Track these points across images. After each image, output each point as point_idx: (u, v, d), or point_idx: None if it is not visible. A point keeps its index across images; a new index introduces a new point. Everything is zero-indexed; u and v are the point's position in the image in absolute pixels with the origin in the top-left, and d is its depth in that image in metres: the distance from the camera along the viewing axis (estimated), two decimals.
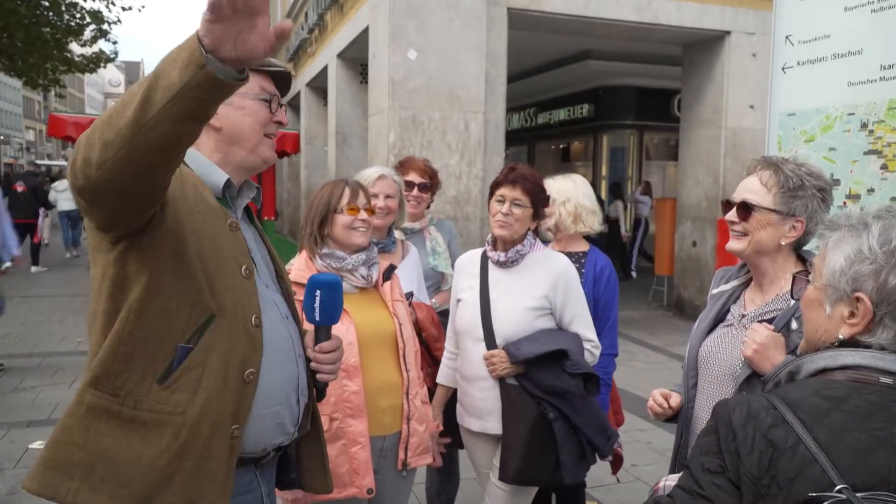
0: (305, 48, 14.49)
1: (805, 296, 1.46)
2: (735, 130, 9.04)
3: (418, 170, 3.63)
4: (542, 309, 2.70)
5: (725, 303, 2.18)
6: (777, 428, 1.22)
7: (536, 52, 11.96)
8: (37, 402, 5.88)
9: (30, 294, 10.57)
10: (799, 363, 1.40)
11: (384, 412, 2.50)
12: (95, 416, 1.50)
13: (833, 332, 1.36)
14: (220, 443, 1.58)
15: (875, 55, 2.64)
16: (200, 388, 1.54)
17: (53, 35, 18.24)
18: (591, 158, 15.13)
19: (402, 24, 7.54)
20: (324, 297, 1.79)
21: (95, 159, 1.30)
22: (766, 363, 1.90)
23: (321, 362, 1.82)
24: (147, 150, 1.28)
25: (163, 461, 1.51)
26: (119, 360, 1.51)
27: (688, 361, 2.18)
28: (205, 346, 1.56)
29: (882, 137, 2.62)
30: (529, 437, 2.61)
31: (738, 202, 2.02)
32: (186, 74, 1.21)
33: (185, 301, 1.55)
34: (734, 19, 8.96)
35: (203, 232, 1.61)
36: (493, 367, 2.66)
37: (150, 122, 1.24)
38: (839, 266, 1.34)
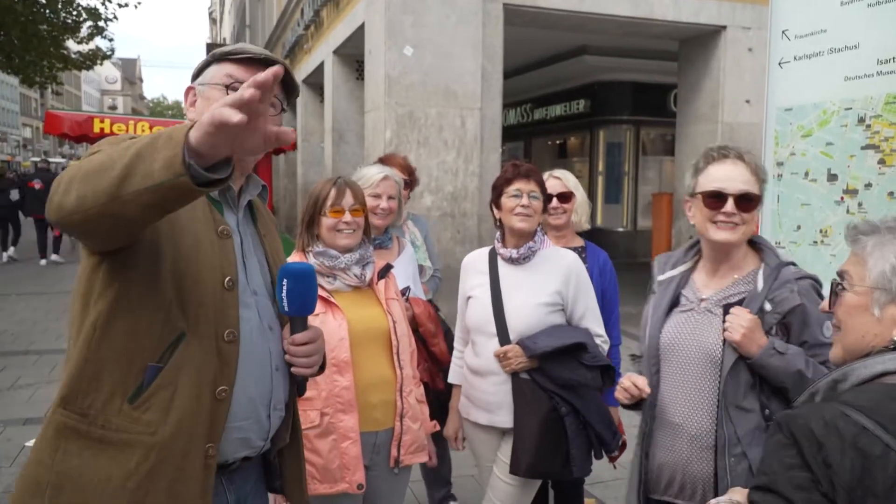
0: (301, 44, 14.45)
1: (845, 303, 1.43)
2: (732, 126, 9.04)
3: (399, 166, 3.74)
4: (555, 305, 2.73)
5: (676, 288, 2.21)
6: (862, 436, 1.20)
7: (533, 47, 11.94)
8: (33, 399, 5.87)
9: (26, 291, 10.55)
10: (846, 371, 1.38)
11: (376, 408, 2.50)
12: (64, 436, 1.48)
13: (885, 335, 1.35)
14: (194, 463, 1.54)
15: (872, 49, 2.64)
16: (173, 407, 1.51)
17: (50, 32, 18.18)
18: (588, 154, 15.11)
19: (398, 21, 7.52)
20: (290, 286, 1.69)
21: (68, 207, 1.31)
22: (752, 346, 1.96)
23: (293, 354, 1.74)
24: (117, 217, 1.29)
25: (132, 483, 1.48)
26: (86, 378, 1.48)
27: (649, 349, 2.20)
28: (175, 364, 1.52)
29: (879, 132, 2.62)
30: (541, 431, 2.63)
31: (737, 194, 2.04)
32: (165, 174, 1.20)
33: (156, 319, 1.51)
34: (731, 14, 8.94)
35: (183, 242, 1.57)
36: (507, 363, 2.68)
37: (125, 197, 1.24)
38: (889, 267, 1.35)
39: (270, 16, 20.27)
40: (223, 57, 1.70)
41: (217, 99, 1.58)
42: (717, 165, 2.09)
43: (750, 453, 1.98)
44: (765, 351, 1.96)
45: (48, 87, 22.16)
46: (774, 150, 3.04)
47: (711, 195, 2.06)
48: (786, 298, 2.01)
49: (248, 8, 27.95)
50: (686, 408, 2.11)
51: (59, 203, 1.33)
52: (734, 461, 1.99)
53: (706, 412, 2.07)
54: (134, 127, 10.42)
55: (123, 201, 1.25)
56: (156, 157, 1.21)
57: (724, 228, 2.05)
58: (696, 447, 2.08)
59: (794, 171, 2.94)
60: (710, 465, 2.06)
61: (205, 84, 1.70)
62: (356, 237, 2.56)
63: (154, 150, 1.22)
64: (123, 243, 1.45)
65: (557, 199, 3.31)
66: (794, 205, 2.94)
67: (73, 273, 6.63)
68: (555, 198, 3.31)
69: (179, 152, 1.19)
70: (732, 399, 2.01)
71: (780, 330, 2.03)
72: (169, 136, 1.23)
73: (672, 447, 2.13)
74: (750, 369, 2.00)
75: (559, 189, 3.34)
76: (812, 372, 1.95)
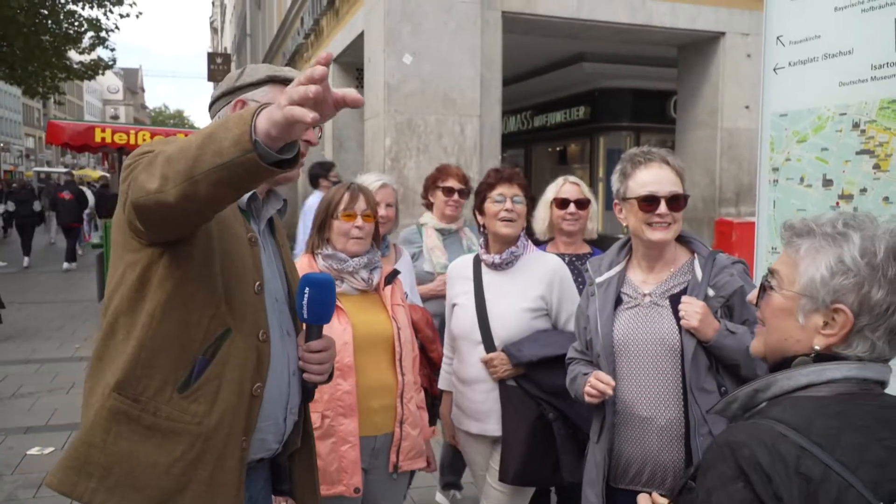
0: (301, 53, 14.50)
1: (771, 303, 1.40)
2: (731, 131, 9.05)
3: (457, 177, 3.91)
4: (539, 310, 2.72)
5: (616, 288, 2.31)
6: (803, 458, 1.17)
7: (531, 55, 11.97)
8: (34, 408, 5.88)
9: (28, 300, 10.56)
10: (769, 381, 1.35)
11: (376, 412, 2.51)
12: (116, 419, 1.53)
13: (806, 343, 1.33)
14: (233, 454, 1.62)
15: (866, 55, 2.65)
16: (218, 399, 1.59)
17: (52, 43, 18.29)
18: (588, 161, 15.12)
19: (396, 29, 7.55)
20: (312, 295, 1.78)
21: (152, 188, 1.37)
22: (709, 329, 2.10)
23: (307, 361, 1.82)
24: (191, 197, 1.34)
25: (178, 469, 1.54)
26: (140, 365, 1.54)
27: (604, 348, 2.25)
28: (221, 358, 1.60)
29: (874, 137, 2.62)
30: (529, 437, 2.62)
31: (669, 195, 2.20)
32: (234, 151, 1.27)
33: (205, 314, 1.59)
34: (728, 20, 8.97)
35: (226, 245, 1.65)
36: (493, 370, 2.67)
37: (198, 176, 1.31)
38: (820, 277, 1.30)
39: (271, 25, 20.35)
40: (283, 80, 1.76)
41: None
42: (644, 170, 2.24)
43: (715, 431, 2.09)
44: (720, 333, 2.10)
45: (50, 97, 22.25)
46: (770, 156, 3.05)
47: (645, 199, 2.20)
48: (727, 282, 2.17)
49: (248, 17, 28.06)
50: (652, 401, 2.18)
51: (144, 183, 1.40)
52: (702, 440, 2.09)
53: (673, 402, 2.16)
54: (136, 136, 10.44)
55: (196, 180, 1.31)
56: (226, 136, 1.28)
57: (658, 229, 2.20)
58: (667, 437, 2.16)
59: (790, 177, 2.94)
60: (681, 452, 2.14)
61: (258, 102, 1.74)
62: (366, 243, 2.58)
63: (224, 130, 1.29)
64: (187, 231, 1.53)
65: (575, 205, 3.31)
66: (790, 210, 2.94)
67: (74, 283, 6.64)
68: (572, 203, 3.31)
69: (247, 130, 1.25)
70: (696, 383, 2.12)
71: (724, 312, 2.17)
72: (239, 116, 1.29)
73: (641, 440, 2.19)
74: (706, 352, 2.13)
75: (577, 195, 3.34)
76: None
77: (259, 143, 1.25)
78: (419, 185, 7.75)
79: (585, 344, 2.37)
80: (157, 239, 1.54)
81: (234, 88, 1.80)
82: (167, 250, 1.55)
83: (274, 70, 1.79)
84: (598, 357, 2.28)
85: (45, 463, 4.71)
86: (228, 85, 1.81)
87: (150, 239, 1.55)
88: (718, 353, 2.13)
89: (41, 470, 4.56)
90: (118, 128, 10.86)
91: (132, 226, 1.54)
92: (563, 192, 3.35)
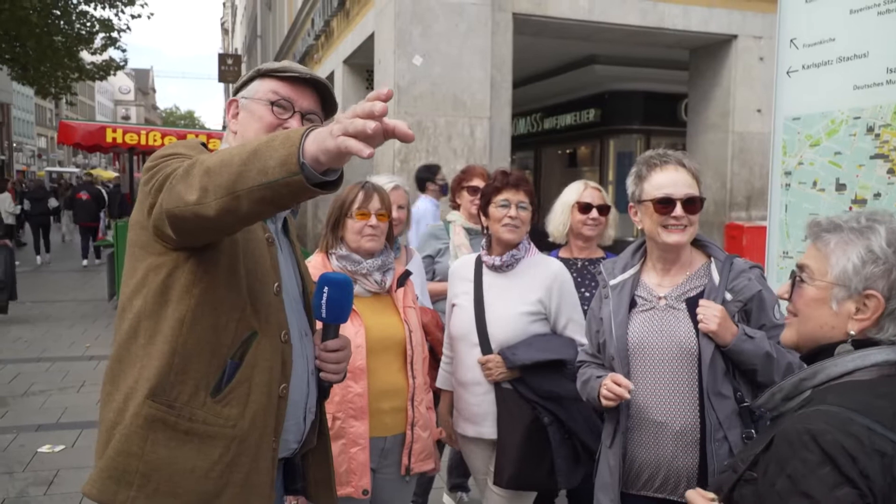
0: (312, 54, 14.53)
1: (805, 295, 1.50)
2: (742, 135, 9.01)
3: (481, 176, 3.80)
4: (537, 314, 2.71)
5: (630, 290, 2.28)
6: (873, 437, 1.27)
7: (542, 57, 11.95)
8: (45, 406, 5.91)
9: (40, 299, 10.61)
10: (814, 369, 1.45)
11: (387, 414, 2.51)
12: (152, 427, 1.54)
13: (840, 329, 1.45)
14: (266, 455, 1.64)
15: (881, 58, 2.62)
16: (249, 401, 1.61)
17: (64, 43, 18.38)
18: (598, 163, 15.07)
19: (407, 30, 7.56)
20: (331, 294, 1.80)
21: (191, 199, 1.37)
22: (727, 334, 2.07)
23: (324, 360, 1.83)
24: (231, 211, 1.35)
25: (216, 473, 1.56)
26: (174, 371, 1.55)
27: (618, 351, 2.23)
28: (250, 361, 1.62)
29: (888, 141, 2.60)
30: (524, 441, 2.61)
31: (685, 198, 2.18)
32: (281, 172, 1.26)
33: (233, 317, 1.60)
34: (741, 23, 8.93)
35: (248, 247, 1.66)
36: (488, 372, 2.67)
37: (240, 192, 1.31)
38: (852, 266, 1.43)
39: (282, 26, 20.40)
40: (268, 74, 1.76)
41: (261, 113, 1.70)
42: (659, 172, 2.22)
43: (730, 436, 2.08)
44: (738, 337, 2.08)
45: (62, 97, 22.37)
46: (782, 160, 3.03)
47: (661, 201, 2.18)
48: (745, 286, 2.15)
49: (259, 19, 28.15)
50: (667, 405, 2.16)
51: (181, 194, 1.39)
52: (717, 445, 2.08)
53: (688, 407, 2.14)
54: (146, 137, 10.49)
55: (238, 195, 1.31)
56: (272, 155, 1.27)
57: (674, 231, 2.18)
58: (682, 442, 2.13)
59: (802, 181, 2.92)
60: (696, 457, 2.12)
61: (248, 98, 1.76)
62: (380, 242, 2.57)
63: (271, 149, 1.28)
64: (217, 239, 1.54)
65: (598, 210, 3.28)
66: (803, 214, 2.92)
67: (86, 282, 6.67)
68: (595, 209, 3.28)
69: (295, 152, 1.25)
70: (712, 388, 2.10)
71: (741, 317, 2.15)
72: (287, 136, 1.29)
73: (656, 445, 2.17)
74: (723, 357, 2.10)
75: (599, 201, 3.31)
76: (775, 352, 2.09)
77: (306, 166, 1.25)
78: None
79: (598, 347, 2.35)
80: (186, 245, 1.55)
81: (236, 90, 1.83)
82: (193, 255, 1.56)
83: (266, 65, 1.80)
84: (611, 360, 2.25)
85: (56, 461, 4.73)
86: (235, 87, 1.86)
87: (177, 245, 1.55)
88: (736, 358, 2.10)
89: (52, 468, 4.59)
90: (129, 128, 10.91)
91: (160, 232, 1.53)
92: (586, 196, 3.32)
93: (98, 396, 5.38)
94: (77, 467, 4.60)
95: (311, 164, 1.25)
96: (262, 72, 1.77)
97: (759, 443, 1.49)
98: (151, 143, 10.49)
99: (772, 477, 1.33)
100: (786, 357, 2.12)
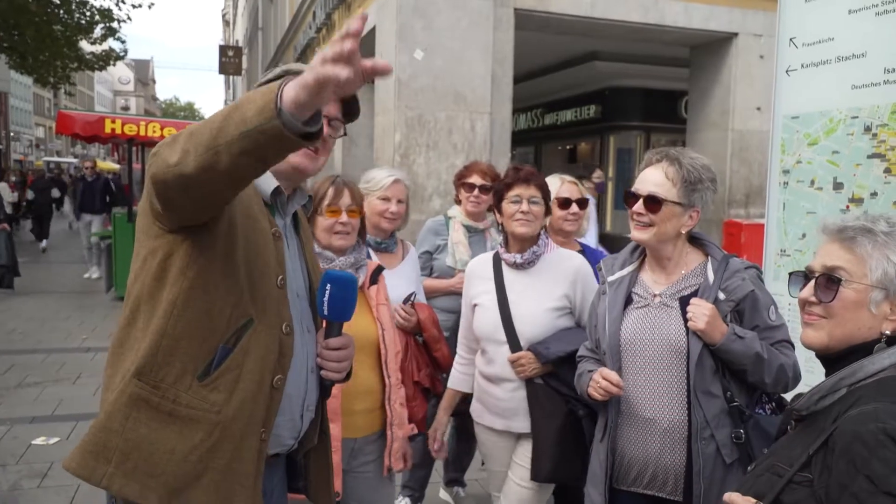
0: (313, 47, 14.50)
1: (843, 298, 1.53)
2: (742, 133, 9.01)
3: (481, 172, 3.73)
4: (563, 309, 2.72)
5: (627, 287, 2.29)
6: None
7: (543, 52, 11.93)
8: (40, 398, 5.90)
9: (35, 290, 10.61)
10: (853, 369, 1.48)
11: (358, 415, 2.49)
12: (136, 405, 1.54)
13: (876, 329, 1.50)
14: (251, 445, 1.62)
15: (879, 58, 2.63)
16: (237, 389, 1.59)
17: (64, 33, 18.35)
18: (598, 159, 15.07)
19: (408, 24, 7.54)
20: (333, 291, 1.78)
21: (172, 161, 1.37)
22: (716, 333, 2.07)
23: (326, 358, 1.82)
24: (212, 168, 1.33)
25: (195, 456, 1.55)
26: (161, 352, 1.55)
27: (610, 347, 2.24)
28: (243, 348, 1.60)
29: (886, 141, 2.60)
30: (560, 436, 2.62)
31: (646, 195, 2.17)
32: (258, 119, 1.26)
33: (228, 302, 1.59)
34: (742, 21, 8.92)
35: (250, 237, 1.65)
36: (521, 369, 2.67)
37: (220, 146, 1.30)
38: (893, 269, 1.49)
39: (283, 18, 20.35)
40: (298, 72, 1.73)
41: None
42: (646, 169, 2.24)
43: (717, 435, 2.08)
44: (727, 337, 2.07)
45: (61, 87, 22.35)
46: (781, 158, 3.03)
47: (626, 195, 2.23)
48: (738, 287, 2.14)
49: (260, 10, 28.08)
50: (657, 402, 2.17)
51: (165, 157, 1.40)
52: (704, 444, 2.08)
53: (677, 404, 2.14)
54: (146, 128, 10.46)
55: (217, 150, 1.30)
56: (250, 106, 1.28)
57: (637, 227, 2.21)
58: (670, 440, 2.14)
59: (801, 180, 2.93)
60: (683, 455, 2.12)
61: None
62: (350, 239, 2.54)
63: (249, 101, 1.29)
64: (206, 213, 1.51)
65: (577, 204, 3.26)
66: (800, 213, 2.93)
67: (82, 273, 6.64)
68: (574, 203, 3.26)
69: (272, 98, 1.25)
70: (700, 386, 2.10)
71: (734, 317, 2.15)
72: (267, 87, 1.29)
73: (644, 442, 2.18)
74: (713, 356, 2.10)
75: (577, 195, 3.29)
76: (767, 353, 2.09)
77: (283, 112, 1.24)
78: (428, 181, 7.78)
79: (596, 342, 2.36)
80: (178, 223, 1.53)
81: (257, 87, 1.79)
82: (189, 237, 1.55)
83: (293, 66, 1.77)
84: (604, 355, 2.27)
85: (51, 453, 4.72)
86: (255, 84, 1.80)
87: (170, 223, 1.54)
88: (725, 357, 2.10)
89: (46, 460, 4.58)
90: (128, 119, 10.86)
91: (153, 208, 1.53)
92: (564, 191, 3.27)
93: (94, 388, 5.39)
94: None
95: (290, 108, 1.24)
96: (295, 73, 1.74)
97: (797, 443, 1.49)
98: (150, 135, 10.45)
99: (842, 478, 1.33)
100: (779, 359, 2.12)
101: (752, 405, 2.18)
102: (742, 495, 1.48)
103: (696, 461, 2.08)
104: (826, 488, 1.36)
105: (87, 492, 4.09)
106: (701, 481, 2.07)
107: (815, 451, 1.41)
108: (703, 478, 2.07)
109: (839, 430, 1.38)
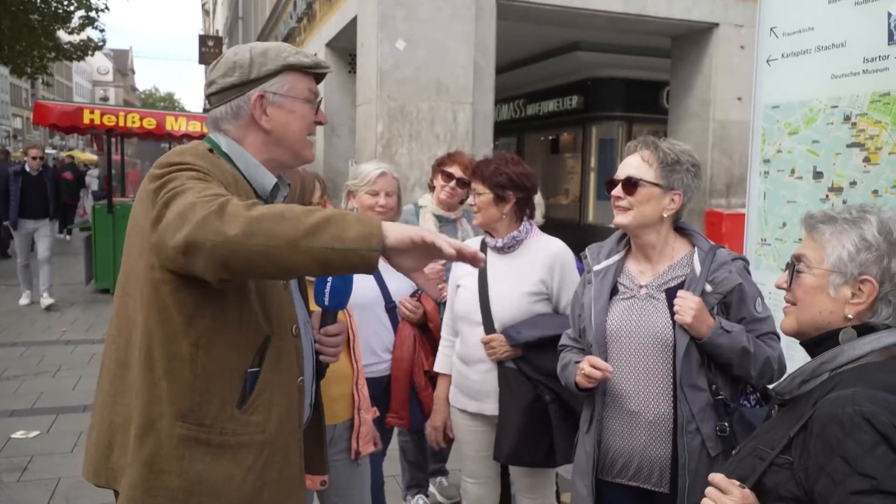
0: (294, 37, 14.39)
1: (803, 283, 1.59)
2: (723, 123, 9.05)
3: (462, 165, 3.72)
4: (539, 294, 2.75)
5: (613, 278, 2.28)
6: None
7: (525, 43, 11.93)
8: (20, 391, 5.85)
9: (15, 282, 10.48)
10: (834, 353, 1.51)
11: (335, 401, 2.52)
12: (187, 445, 1.57)
13: (838, 313, 1.54)
14: (294, 449, 1.73)
15: (858, 48, 2.64)
16: (273, 405, 1.65)
17: (41, 22, 18.08)
18: (580, 150, 15.12)
19: (390, 14, 7.50)
20: (335, 283, 1.89)
21: (231, 233, 1.33)
22: (703, 326, 2.06)
23: (325, 344, 1.91)
24: (277, 260, 1.35)
25: (252, 476, 1.62)
26: (198, 392, 1.57)
27: (596, 337, 2.23)
28: (268, 367, 1.65)
29: (865, 130, 2.62)
30: (524, 419, 2.66)
31: (623, 178, 2.18)
32: (359, 244, 1.33)
33: (247, 329, 1.61)
34: (723, 11, 8.95)
35: None
36: (492, 351, 2.72)
37: (302, 248, 1.33)
38: (847, 254, 1.52)
39: (263, 8, 20.17)
40: (299, 68, 1.72)
41: (304, 112, 1.72)
42: (627, 156, 2.25)
43: (703, 428, 2.09)
44: (714, 331, 2.07)
45: (38, 77, 22.03)
46: (761, 148, 3.05)
47: (608, 183, 2.24)
48: (726, 279, 2.13)
49: (240, 0, 27.81)
50: (642, 395, 2.17)
51: (217, 228, 1.34)
52: (689, 437, 2.08)
53: (662, 397, 2.14)
54: (125, 118, 10.33)
55: (298, 250, 1.33)
56: (348, 227, 1.34)
57: (618, 212, 2.21)
58: (655, 432, 2.14)
59: (781, 169, 2.95)
60: (669, 448, 2.12)
61: (282, 95, 1.69)
62: None
63: (345, 222, 1.35)
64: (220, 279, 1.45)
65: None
66: (780, 202, 2.95)
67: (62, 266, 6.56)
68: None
69: (378, 233, 1.34)
70: (686, 379, 2.10)
71: (721, 309, 2.14)
72: (359, 218, 1.38)
73: (629, 434, 2.18)
74: (699, 349, 2.09)
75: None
76: (753, 346, 2.09)
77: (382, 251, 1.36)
78: (411, 171, 7.76)
79: (579, 332, 2.35)
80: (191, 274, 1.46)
81: (248, 80, 1.68)
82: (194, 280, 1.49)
83: (289, 57, 1.70)
84: (590, 346, 2.26)
85: (30, 446, 4.69)
86: (241, 75, 1.68)
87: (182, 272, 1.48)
88: (712, 352, 2.09)
89: (26, 453, 4.55)
90: (107, 109, 10.71)
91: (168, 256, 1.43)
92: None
93: (73, 382, 5.33)
94: (51, 453, 4.56)
95: (389, 245, 1.36)
96: (292, 66, 1.70)
97: (779, 427, 1.52)
98: (130, 125, 10.33)
99: (819, 459, 1.35)
100: (764, 352, 2.12)
101: (736, 397, 2.18)
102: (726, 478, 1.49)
103: (682, 454, 2.08)
104: (805, 470, 1.38)
105: (68, 486, 4.06)
106: (686, 474, 2.08)
107: (795, 433, 1.43)
108: (688, 471, 2.08)
109: (817, 412, 1.39)
